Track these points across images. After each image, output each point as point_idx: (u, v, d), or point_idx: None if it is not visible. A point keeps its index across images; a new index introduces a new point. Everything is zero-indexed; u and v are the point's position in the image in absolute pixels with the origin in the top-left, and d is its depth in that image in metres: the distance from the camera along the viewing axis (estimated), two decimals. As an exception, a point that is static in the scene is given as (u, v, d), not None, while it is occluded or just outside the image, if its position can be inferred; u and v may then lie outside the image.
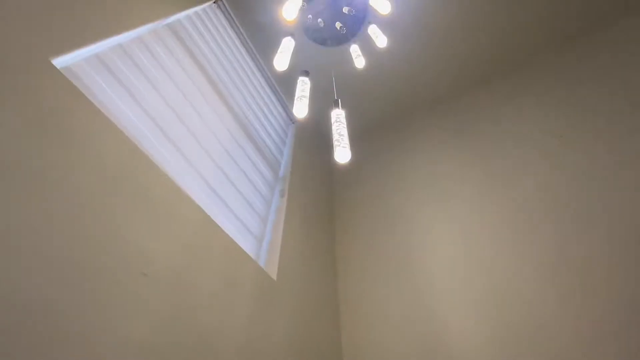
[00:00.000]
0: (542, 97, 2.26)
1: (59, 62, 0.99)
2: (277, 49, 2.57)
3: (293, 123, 2.66)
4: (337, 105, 1.63)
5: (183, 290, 0.98)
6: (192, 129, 1.51)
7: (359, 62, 2.22)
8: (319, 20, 2.46)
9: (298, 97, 1.60)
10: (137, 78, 1.32)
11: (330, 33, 2.58)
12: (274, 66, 2.64)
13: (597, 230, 1.57)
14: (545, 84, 2.32)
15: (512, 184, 1.95)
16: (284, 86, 2.67)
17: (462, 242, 1.88)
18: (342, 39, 2.62)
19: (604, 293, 1.40)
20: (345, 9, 2.46)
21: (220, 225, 1.29)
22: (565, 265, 1.55)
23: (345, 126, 1.48)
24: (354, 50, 2.33)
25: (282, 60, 1.62)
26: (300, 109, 1.52)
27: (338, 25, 2.53)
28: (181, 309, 0.95)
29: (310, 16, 2.47)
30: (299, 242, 1.78)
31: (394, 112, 2.92)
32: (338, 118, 1.55)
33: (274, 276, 1.43)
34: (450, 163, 2.32)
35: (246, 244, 1.48)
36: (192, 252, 1.08)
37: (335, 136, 1.43)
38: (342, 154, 1.34)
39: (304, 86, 1.68)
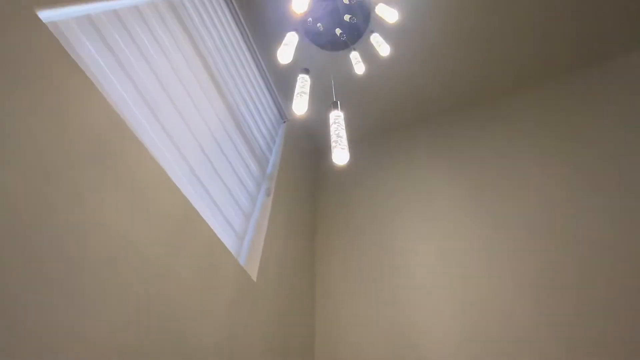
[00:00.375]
0: (532, 124, 2.32)
1: (45, 15, 0.89)
2: (276, 46, 2.51)
3: (284, 122, 2.59)
4: (336, 107, 1.58)
5: (159, 282, 0.88)
6: (182, 112, 1.41)
7: (359, 68, 2.20)
8: (318, 25, 2.42)
9: (298, 94, 1.53)
10: (129, 49, 1.22)
11: (329, 38, 2.55)
12: (270, 62, 2.59)
13: (569, 247, 1.68)
14: (536, 113, 2.38)
15: (494, 206, 2.02)
16: (278, 83, 2.60)
17: (442, 255, 1.93)
18: (342, 45, 2.59)
19: (577, 308, 1.49)
20: (346, 17, 2.44)
21: (203, 216, 1.20)
22: (539, 279, 1.63)
23: (344, 127, 1.43)
24: (354, 56, 2.31)
25: (286, 52, 1.56)
26: (300, 105, 1.46)
27: (338, 31, 2.50)
28: (155, 302, 0.85)
29: (310, 19, 2.43)
30: (281, 244, 1.71)
31: (387, 122, 2.92)
32: (337, 119, 1.50)
33: (254, 277, 1.35)
34: (438, 179, 2.33)
35: (227, 240, 1.39)
36: (172, 241, 0.98)
37: (333, 137, 1.38)
38: (341, 155, 1.28)
39: (304, 83, 1.62)
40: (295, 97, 1.52)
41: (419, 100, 2.79)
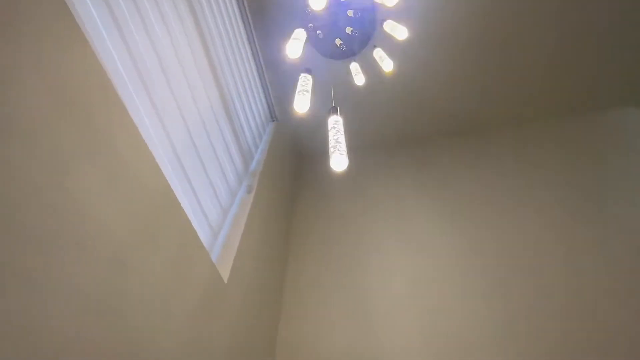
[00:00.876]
0: (513, 160, 2.39)
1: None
2: (276, 44, 2.46)
3: (273, 120, 2.51)
4: (335, 112, 1.54)
5: (123, 271, 0.77)
6: (174, 88, 1.30)
7: (359, 79, 2.18)
8: (318, 32, 2.38)
9: (300, 92, 1.47)
10: (130, 13, 1.11)
11: (329, 47, 2.52)
12: (268, 60, 2.51)
13: (543, 278, 1.73)
14: (517, 150, 2.47)
15: (471, 235, 2.06)
16: (272, 83, 2.53)
17: (414, 276, 1.94)
18: (341, 55, 2.57)
19: (552, 339, 1.52)
20: (348, 29, 2.42)
21: (180, 203, 1.09)
22: (512, 309, 1.65)
23: (343, 133, 1.38)
24: (354, 67, 2.29)
25: (294, 47, 1.50)
26: (302, 102, 1.40)
27: (338, 42, 2.47)
28: (115, 294, 0.73)
29: (311, 24, 2.39)
30: (256, 244, 1.61)
31: (376, 137, 2.92)
32: (335, 125, 1.45)
33: (225, 277, 1.24)
34: (419, 201, 2.34)
35: (201, 233, 1.27)
36: (144, 225, 0.87)
37: (332, 142, 1.32)
38: (340, 160, 1.23)
39: (306, 81, 1.57)
40: (296, 94, 1.46)
41: (411, 121, 2.81)
